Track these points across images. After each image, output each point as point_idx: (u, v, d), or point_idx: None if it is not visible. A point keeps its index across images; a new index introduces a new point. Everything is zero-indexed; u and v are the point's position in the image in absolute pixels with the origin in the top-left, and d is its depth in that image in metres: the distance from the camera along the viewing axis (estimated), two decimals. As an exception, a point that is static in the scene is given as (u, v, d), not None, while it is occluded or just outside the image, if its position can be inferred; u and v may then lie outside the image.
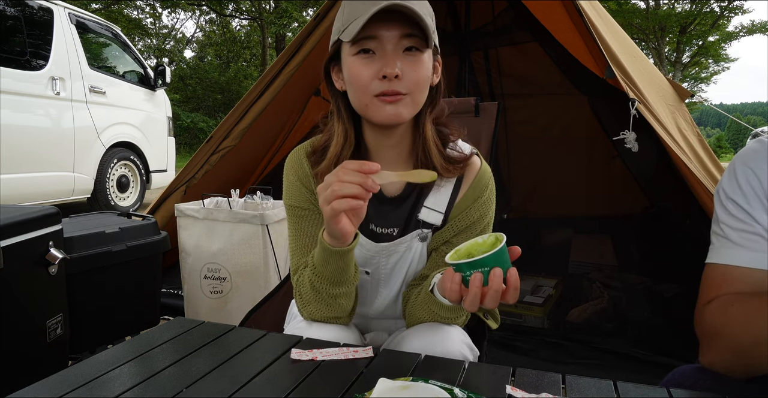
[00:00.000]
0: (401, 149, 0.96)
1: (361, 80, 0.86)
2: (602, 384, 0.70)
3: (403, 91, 0.85)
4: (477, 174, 0.97)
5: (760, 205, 0.75)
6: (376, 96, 0.86)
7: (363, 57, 0.86)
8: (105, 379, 0.71)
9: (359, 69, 0.86)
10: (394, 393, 0.63)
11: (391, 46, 0.85)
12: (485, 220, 0.97)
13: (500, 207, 1.03)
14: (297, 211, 0.98)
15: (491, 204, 0.98)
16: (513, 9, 2.62)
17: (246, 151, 2.72)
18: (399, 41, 0.85)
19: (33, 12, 4.02)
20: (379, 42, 0.85)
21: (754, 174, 0.76)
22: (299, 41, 2.41)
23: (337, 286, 0.87)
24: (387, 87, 0.84)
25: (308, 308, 0.93)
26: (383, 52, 0.85)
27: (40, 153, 3.89)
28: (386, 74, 0.83)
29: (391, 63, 0.84)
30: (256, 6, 17.22)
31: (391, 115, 0.86)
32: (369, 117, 0.89)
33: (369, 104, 0.87)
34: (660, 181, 2.82)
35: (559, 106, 3.19)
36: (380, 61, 0.85)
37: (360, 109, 0.90)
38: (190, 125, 13.88)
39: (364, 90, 0.86)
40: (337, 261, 0.83)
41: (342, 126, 0.94)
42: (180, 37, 21.90)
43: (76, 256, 1.65)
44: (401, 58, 0.85)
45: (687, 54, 20.83)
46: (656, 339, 2.03)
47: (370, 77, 0.85)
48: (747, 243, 0.75)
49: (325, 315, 0.92)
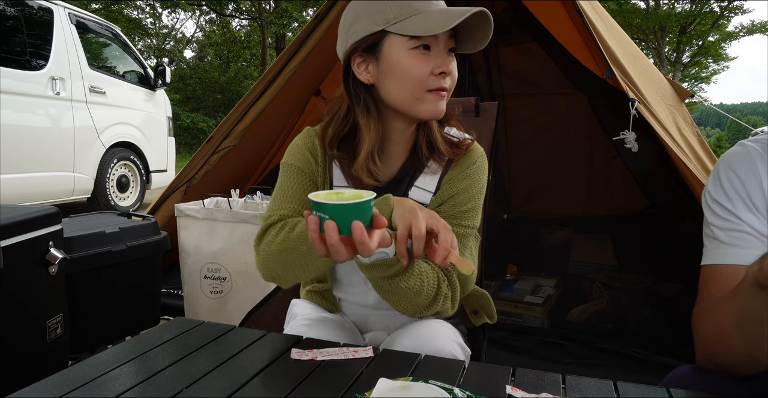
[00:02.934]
0: (405, 143, 1.00)
1: (418, 74, 0.89)
2: (602, 384, 0.70)
3: (449, 87, 0.93)
4: (467, 152, 1.00)
5: (743, 206, 0.78)
6: (428, 91, 0.90)
7: (421, 52, 0.90)
8: (105, 379, 0.71)
9: (416, 64, 0.89)
10: (394, 393, 0.63)
11: (443, 44, 0.91)
12: (470, 192, 0.97)
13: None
14: (293, 169, 0.99)
15: (477, 178, 0.99)
16: (513, 9, 2.62)
17: (246, 151, 2.72)
18: (448, 41, 0.91)
19: (33, 12, 4.02)
20: (436, 40, 0.90)
21: (736, 176, 0.79)
22: (299, 41, 2.40)
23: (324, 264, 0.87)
24: (443, 83, 0.91)
25: (270, 259, 0.90)
26: (438, 50, 0.90)
27: (40, 153, 3.89)
28: (445, 71, 0.90)
29: (447, 61, 0.91)
30: (256, 6, 17.21)
31: (438, 111, 0.93)
32: (415, 111, 0.92)
33: (420, 98, 0.91)
34: (660, 181, 2.82)
35: (559, 106, 3.19)
36: (436, 58, 0.90)
37: (406, 101, 0.92)
38: (190, 125, 13.88)
39: (419, 84, 0.90)
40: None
41: (372, 121, 0.95)
42: (180, 37, 21.90)
43: (76, 256, 1.65)
44: (448, 56, 0.92)
45: (687, 54, 20.83)
46: (656, 339, 2.03)
47: (426, 72, 0.90)
48: (735, 241, 0.78)
49: (281, 267, 0.89)
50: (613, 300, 2.40)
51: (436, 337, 0.88)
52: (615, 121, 2.22)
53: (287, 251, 0.86)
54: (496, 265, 2.67)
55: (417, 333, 0.90)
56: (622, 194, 3.17)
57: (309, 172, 0.98)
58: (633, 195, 3.14)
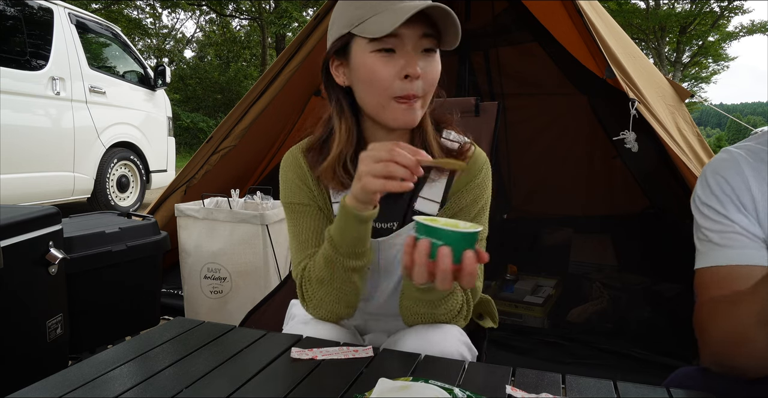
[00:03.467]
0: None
1: (381, 79, 0.84)
2: (602, 384, 0.70)
3: (420, 93, 0.86)
4: (470, 158, 0.97)
5: (734, 208, 0.80)
6: (394, 98, 0.85)
7: (383, 55, 0.84)
8: (105, 379, 0.71)
9: (379, 67, 0.84)
10: (394, 393, 0.63)
11: (411, 45, 0.84)
12: (479, 204, 0.96)
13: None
14: (296, 208, 0.97)
15: (485, 188, 0.97)
16: (513, 9, 2.63)
17: (246, 151, 2.72)
18: (419, 41, 0.84)
19: (33, 12, 4.02)
20: (401, 41, 0.83)
21: (725, 180, 0.81)
22: (299, 41, 2.41)
23: (353, 258, 0.86)
24: (409, 89, 0.84)
25: (317, 294, 0.91)
26: (404, 52, 0.84)
27: (40, 153, 3.89)
28: (410, 74, 0.83)
29: (413, 63, 0.83)
30: (256, 6, 17.21)
31: (407, 120, 0.87)
32: (383, 119, 0.89)
33: (386, 106, 0.86)
34: (660, 181, 2.82)
35: (559, 106, 3.19)
36: (401, 61, 0.84)
37: (374, 109, 0.89)
38: (190, 125, 13.87)
39: (384, 90, 0.85)
40: (357, 227, 0.83)
41: (345, 124, 0.93)
42: (180, 37, 21.90)
43: (76, 256, 1.65)
44: (420, 57, 0.85)
45: (687, 54, 20.83)
46: (656, 339, 2.03)
47: (391, 77, 0.84)
48: (728, 242, 0.79)
49: (333, 300, 0.90)
50: (613, 300, 2.40)
51: (445, 338, 0.87)
52: (615, 121, 2.22)
53: (332, 284, 0.89)
54: (496, 265, 2.67)
55: (424, 334, 0.89)
56: (622, 194, 3.17)
57: (312, 204, 0.97)
58: (633, 195, 3.14)
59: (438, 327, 0.90)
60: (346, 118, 0.93)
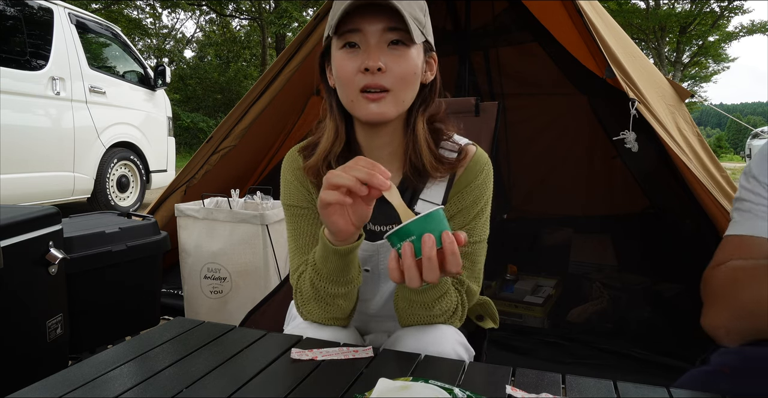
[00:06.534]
0: (394, 148, 0.95)
1: (345, 74, 0.85)
2: (602, 384, 0.70)
3: (387, 85, 0.85)
4: (471, 159, 0.96)
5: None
6: (361, 91, 0.85)
7: (348, 51, 0.86)
8: (105, 379, 0.71)
9: (344, 62, 0.86)
10: (394, 393, 0.63)
11: (374, 39, 0.84)
12: (479, 205, 0.95)
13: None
14: (295, 210, 0.98)
15: (486, 188, 0.96)
16: (513, 9, 2.63)
17: (246, 151, 2.72)
18: (383, 35, 0.84)
19: (33, 12, 4.02)
20: (363, 35, 0.84)
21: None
22: (299, 41, 2.41)
23: (336, 285, 0.87)
24: (370, 80, 0.84)
25: (307, 306, 0.92)
26: (366, 46, 0.84)
27: (40, 153, 3.89)
28: (368, 67, 0.83)
29: (373, 56, 0.83)
30: (256, 6, 17.22)
31: (375, 113, 0.86)
32: (355, 114, 0.89)
33: (354, 100, 0.87)
34: (660, 181, 2.82)
35: (559, 106, 3.19)
36: (363, 55, 0.84)
37: (347, 104, 0.89)
38: (190, 125, 13.88)
39: (350, 84, 0.86)
40: (337, 260, 0.83)
41: (333, 122, 0.94)
42: (180, 37, 21.93)
43: (76, 256, 1.65)
44: (386, 52, 0.84)
45: (687, 54, 20.83)
46: (656, 339, 2.03)
47: (353, 71, 0.84)
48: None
49: (322, 315, 0.92)
50: (613, 300, 2.40)
51: (442, 339, 0.87)
52: (615, 121, 2.22)
53: (317, 303, 0.90)
54: (496, 265, 2.67)
55: (420, 334, 0.89)
56: (622, 194, 3.17)
57: (310, 207, 0.97)
58: (633, 195, 3.14)
59: (434, 327, 0.90)
60: (334, 116, 0.94)
